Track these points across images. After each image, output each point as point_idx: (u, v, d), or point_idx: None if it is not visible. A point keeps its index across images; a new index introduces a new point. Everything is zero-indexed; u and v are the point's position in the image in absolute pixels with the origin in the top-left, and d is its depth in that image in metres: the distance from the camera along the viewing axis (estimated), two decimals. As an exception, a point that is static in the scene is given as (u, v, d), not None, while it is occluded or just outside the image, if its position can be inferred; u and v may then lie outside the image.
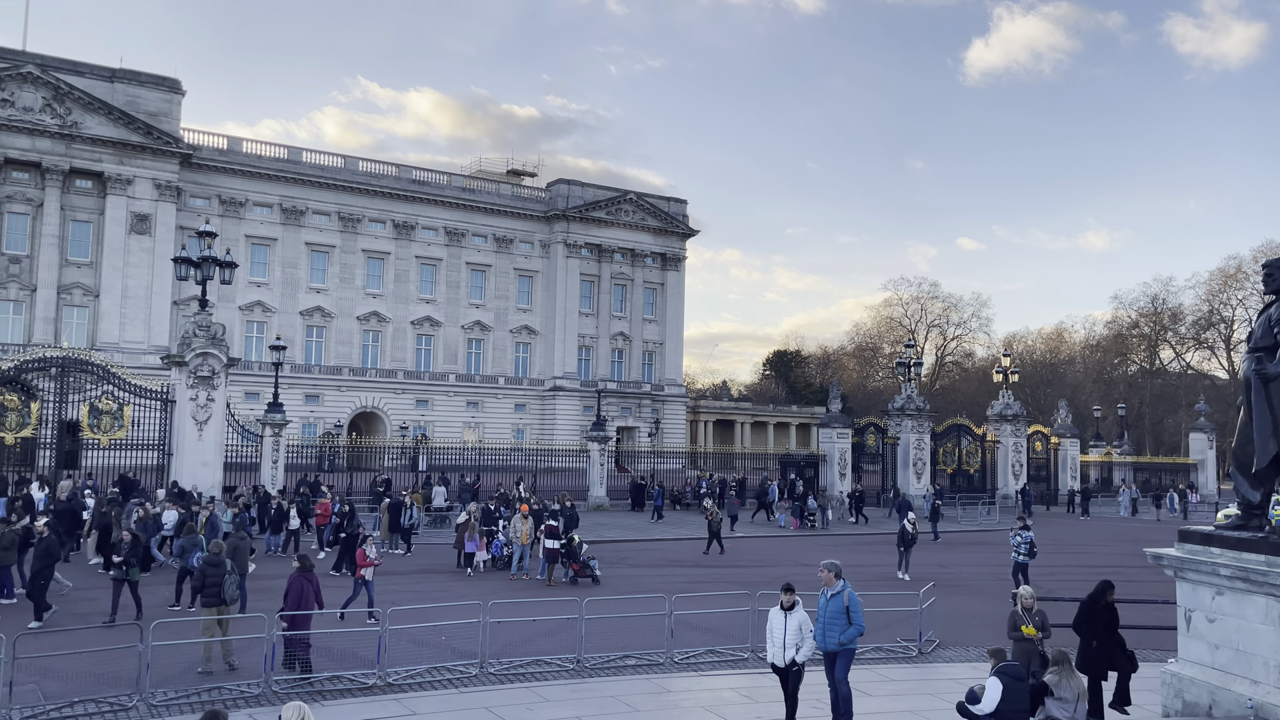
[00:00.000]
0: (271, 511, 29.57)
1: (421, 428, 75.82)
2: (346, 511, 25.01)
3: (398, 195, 79.35)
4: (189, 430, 35.75)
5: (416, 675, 14.65)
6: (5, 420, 34.21)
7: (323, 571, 23.90)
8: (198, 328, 36.35)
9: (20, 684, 12.52)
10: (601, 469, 47.98)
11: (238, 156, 73.68)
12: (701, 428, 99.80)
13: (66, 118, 64.92)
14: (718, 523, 32.26)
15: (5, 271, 64.35)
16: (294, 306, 75.08)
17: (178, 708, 12.85)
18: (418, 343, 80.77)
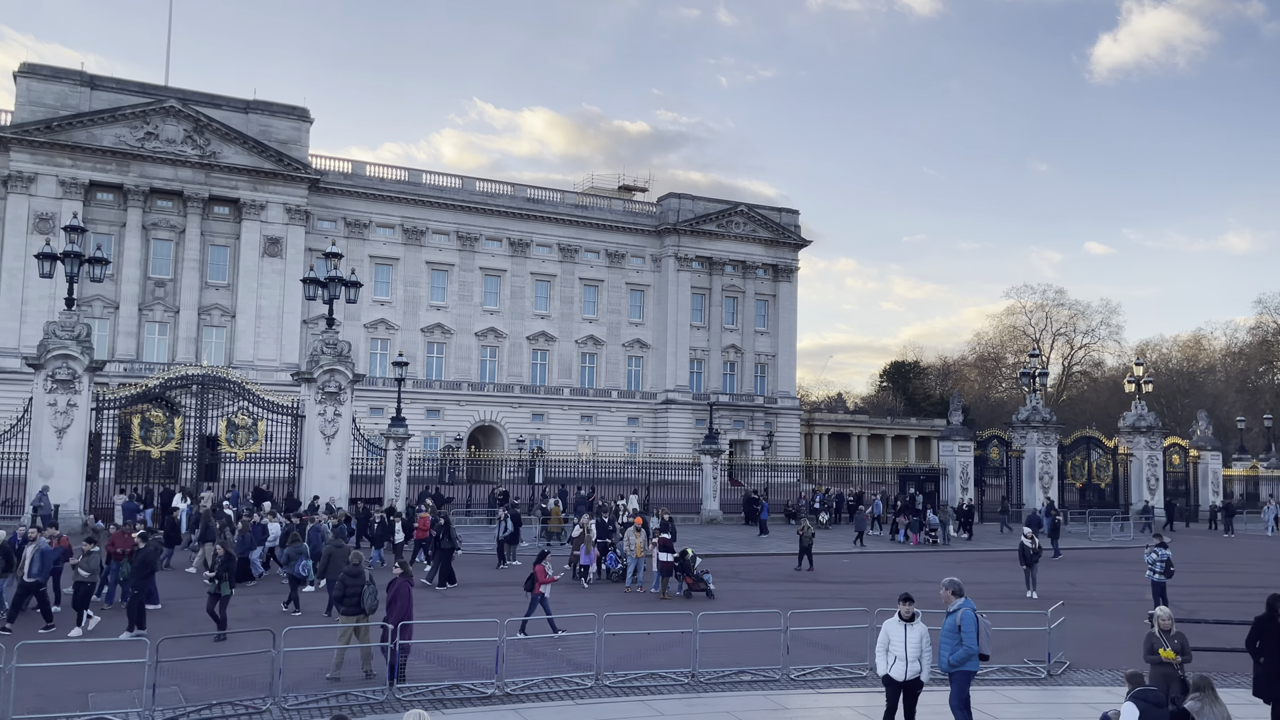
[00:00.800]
0: (375, 525, 29.82)
1: (538, 441, 77.05)
2: (443, 525, 25.48)
3: (513, 214, 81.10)
4: (318, 444, 37.19)
5: (533, 686, 14.84)
6: (151, 435, 36.28)
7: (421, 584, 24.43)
8: (325, 345, 37.83)
9: (163, 686, 13.19)
10: (714, 482, 47.82)
11: (361, 180, 76.60)
12: (816, 441, 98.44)
13: (205, 148, 68.70)
14: (809, 538, 31.61)
15: (151, 295, 68.36)
16: (415, 324, 77.45)
17: (308, 712, 13.33)
18: (533, 357, 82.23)
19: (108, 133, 66.21)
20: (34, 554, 18.41)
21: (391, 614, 14.87)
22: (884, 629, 12.19)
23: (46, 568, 18.77)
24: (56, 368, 33.13)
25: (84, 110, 65.59)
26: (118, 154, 66.35)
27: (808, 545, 31.53)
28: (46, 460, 32.91)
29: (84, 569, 18.52)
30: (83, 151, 65.44)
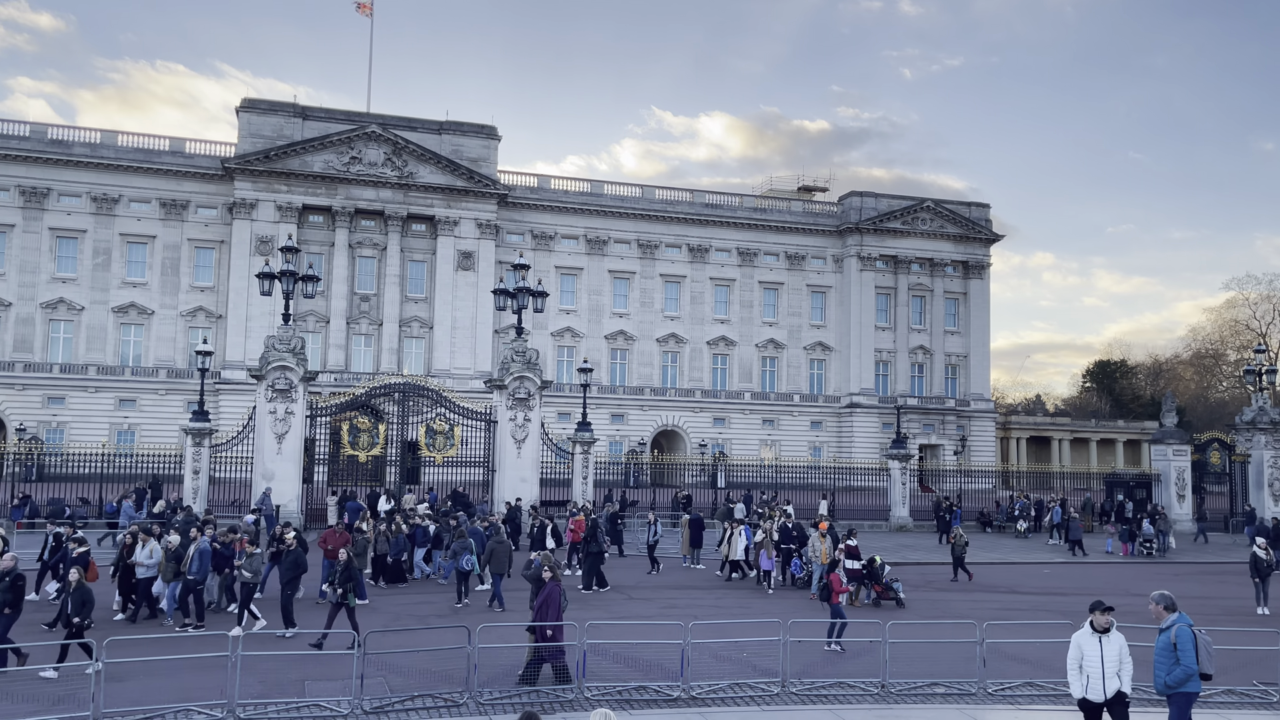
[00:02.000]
0: (531, 529, 29.95)
1: (719, 445, 77.12)
2: (590, 527, 25.75)
3: (692, 220, 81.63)
4: (509, 448, 38.61)
5: (718, 690, 14.80)
6: (359, 440, 38.67)
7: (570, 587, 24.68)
8: (514, 353, 39.24)
9: (370, 677, 13.99)
10: (903, 488, 46.36)
11: (546, 193, 79.13)
12: (1013, 445, 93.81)
13: (404, 169, 72.82)
14: (961, 548, 29.88)
15: (357, 309, 73.05)
16: (599, 331, 79.22)
17: (500, 707, 13.81)
18: (713, 362, 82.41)
19: (317, 159, 71.29)
20: (194, 553, 19.31)
21: (541, 616, 15.19)
22: (1074, 642, 11.27)
23: (204, 567, 19.54)
24: (275, 378, 35.87)
25: (297, 139, 70.88)
26: (326, 178, 71.31)
27: (960, 555, 29.88)
28: (268, 464, 35.68)
29: (247, 570, 19.06)
30: (296, 178, 70.72)
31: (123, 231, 69.19)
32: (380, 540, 25.17)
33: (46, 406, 66.48)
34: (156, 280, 69.76)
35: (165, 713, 12.78)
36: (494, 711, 13.61)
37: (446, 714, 13.50)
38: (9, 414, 65.46)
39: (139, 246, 69.70)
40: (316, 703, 13.49)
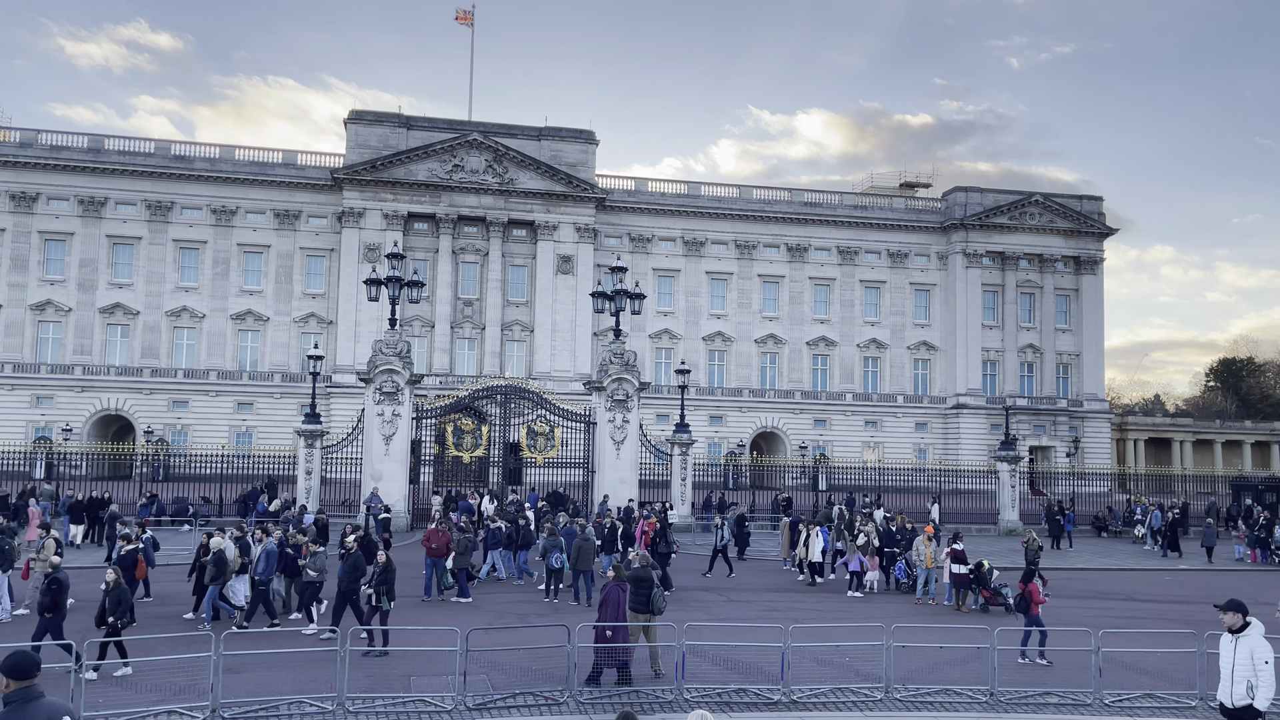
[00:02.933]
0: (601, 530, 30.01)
1: (820, 447, 76.12)
2: (658, 528, 25.51)
3: (790, 219, 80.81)
4: (608, 449, 38.86)
5: (820, 695, 14.57)
6: (463, 441, 39.46)
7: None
8: (613, 355, 39.49)
9: (473, 674, 14.21)
10: (1012, 491, 44.92)
11: (644, 196, 79.41)
12: (1129, 447, 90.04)
13: (504, 175, 74.09)
14: (1035, 552, 28.49)
15: (460, 314, 74.60)
16: (696, 333, 79.08)
17: (600, 706, 13.86)
18: (813, 363, 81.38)
19: (421, 168, 73.10)
20: (261, 554, 19.65)
21: (602, 615, 15.19)
22: (1220, 644, 10.81)
23: (271, 567, 19.72)
24: (383, 381, 36.89)
25: (401, 149, 72.82)
26: (430, 186, 73.06)
27: (1033, 560, 28.68)
28: (376, 464, 36.72)
29: (312, 569, 18.98)
30: (401, 186, 72.67)
31: (240, 242, 72.21)
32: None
33: (171, 410, 69.82)
34: (271, 288, 72.57)
35: (280, 704, 13.22)
36: (593, 711, 13.67)
37: (547, 712, 13.62)
38: (137, 417, 68.99)
39: (255, 256, 72.63)
40: (422, 698, 13.78)
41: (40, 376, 68.25)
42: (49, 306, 69.10)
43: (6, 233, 68.50)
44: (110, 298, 69.89)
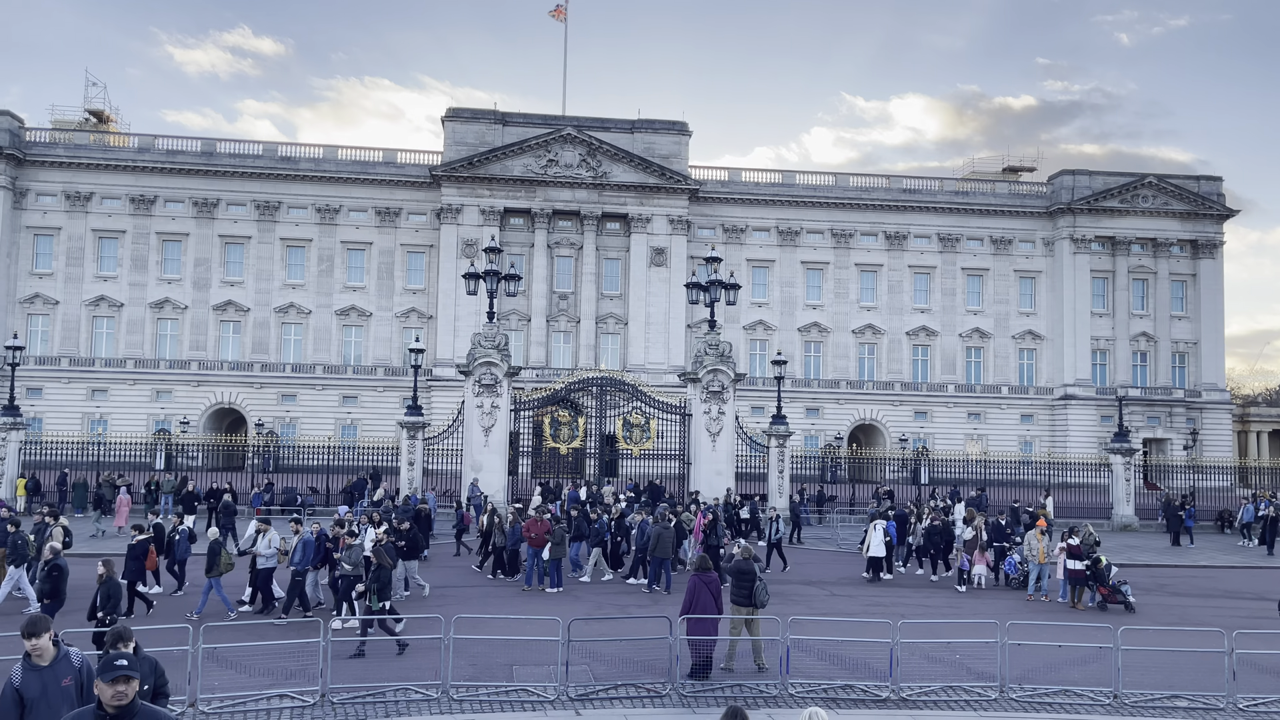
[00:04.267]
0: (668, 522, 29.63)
1: (921, 439, 74.40)
2: (710, 520, 25.00)
3: (888, 206, 79.07)
4: (703, 441, 38.58)
5: (930, 693, 14.09)
6: (560, 433, 39.71)
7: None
8: (707, 347, 39.17)
9: (575, 664, 14.16)
10: (1127, 484, 43.05)
11: (737, 186, 78.73)
12: (1252, 439, 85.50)
13: (598, 169, 74.37)
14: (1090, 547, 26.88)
15: (556, 307, 75.25)
16: (792, 324, 78.09)
17: (703, 700, 13.65)
18: (913, 354, 79.53)
19: (516, 163, 73.90)
20: (298, 544, 19.51)
21: (685, 607, 14.97)
22: None
23: (307, 558, 19.59)
24: (482, 374, 37.34)
25: (497, 145, 73.74)
26: (525, 182, 73.82)
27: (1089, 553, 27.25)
28: (476, 455, 37.21)
29: (346, 562, 18.55)
30: (497, 182, 73.62)
31: (343, 239, 74.18)
32: (496, 532, 25.50)
33: (280, 403, 72.24)
34: (373, 284, 74.39)
35: (386, 690, 13.39)
36: (698, 705, 13.47)
37: (650, 704, 13.47)
38: (249, 410, 71.59)
39: (357, 253, 74.54)
40: (524, 687, 13.79)
41: (160, 372, 71.36)
42: (167, 304, 72.18)
43: (127, 235, 71.78)
44: (223, 295, 72.64)
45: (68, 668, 7.52)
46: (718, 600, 15.22)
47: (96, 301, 71.39)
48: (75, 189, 71.10)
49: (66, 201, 71.14)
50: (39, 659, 7.41)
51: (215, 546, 19.50)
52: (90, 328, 71.51)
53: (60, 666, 7.50)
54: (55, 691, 7.36)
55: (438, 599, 21.30)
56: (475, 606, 20.14)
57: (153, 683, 8.60)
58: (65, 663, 7.54)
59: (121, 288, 71.64)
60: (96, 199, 71.51)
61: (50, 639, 7.49)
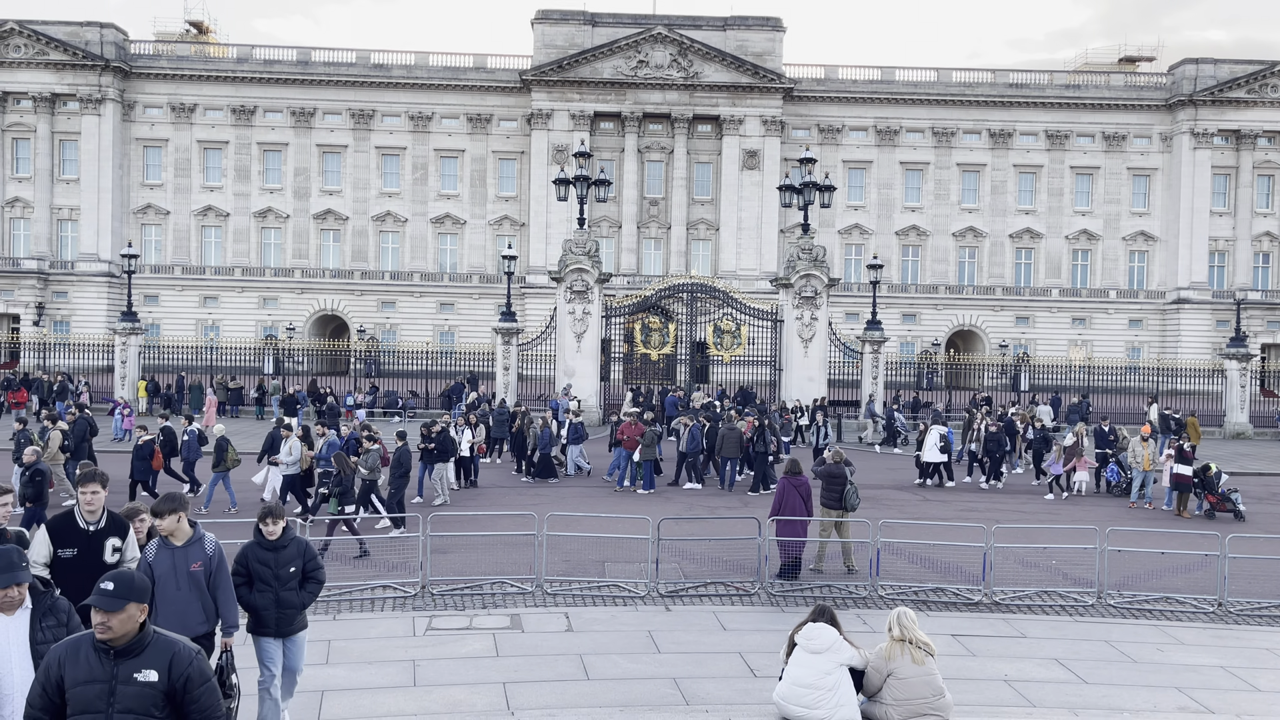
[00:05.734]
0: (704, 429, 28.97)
1: (1021, 346, 72.38)
2: (757, 428, 24.67)
3: (993, 102, 75.48)
4: (795, 348, 38.26)
5: (1024, 597, 13.93)
6: (650, 340, 39.90)
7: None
8: (801, 251, 38.51)
9: (665, 562, 14.41)
10: (1242, 391, 41.24)
11: (834, 84, 76.04)
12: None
13: (689, 69, 72.67)
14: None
15: (646, 213, 74.72)
16: (889, 227, 76.03)
17: (792, 599, 13.77)
18: (1016, 257, 76.78)
19: (606, 65, 72.70)
20: (324, 446, 19.41)
21: (774, 509, 14.96)
22: None
23: (328, 458, 19.02)
24: (573, 280, 37.54)
25: (587, 47, 72.55)
26: (615, 84, 72.68)
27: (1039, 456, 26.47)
28: (569, 361, 37.71)
29: (364, 467, 18.35)
30: (587, 85, 72.67)
31: (436, 147, 74.61)
32: (529, 436, 25.67)
33: (380, 310, 74.11)
34: (467, 192, 74.93)
35: (483, 583, 13.87)
36: (786, 604, 13.60)
37: (738, 602, 13.66)
38: (351, 317, 73.71)
39: (450, 160, 74.97)
40: (615, 583, 14.11)
41: (265, 279, 73.78)
42: (269, 214, 74.13)
43: (230, 145, 73.53)
44: (322, 204, 74.18)
45: (199, 552, 7.61)
46: (807, 503, 15.24)
47: (204, 211, 73.74)
48: (180, 100, 72.86)
49: (172, 113, 73.04)
50: (173, 539, 7.57)
51: (222, 443, 20.13)
52: (199, 237, 74.08)
53: (193, 550, 7.60)
54: (184, 573, 7.50)
55: (533, 498, 21.85)
56: (569, 505, 20.60)
57: (300, 565, 8.45)
58: (198, 547, 7.63)
59: (227, 198, 73.74)
60: (200, 110, 73.21)
61: (182, 520, 7.58)
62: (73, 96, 70.70)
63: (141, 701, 4.99)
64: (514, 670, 10.48)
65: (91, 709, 5.01)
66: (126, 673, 5.01)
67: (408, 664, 10.66)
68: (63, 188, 71.69)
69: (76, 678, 5.01)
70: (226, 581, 7.76)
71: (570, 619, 12.49)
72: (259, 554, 8.33)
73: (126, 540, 7.96)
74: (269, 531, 8.36)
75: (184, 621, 7.25)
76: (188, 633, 7.03)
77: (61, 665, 5.05)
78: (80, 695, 5.02)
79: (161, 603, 7.27)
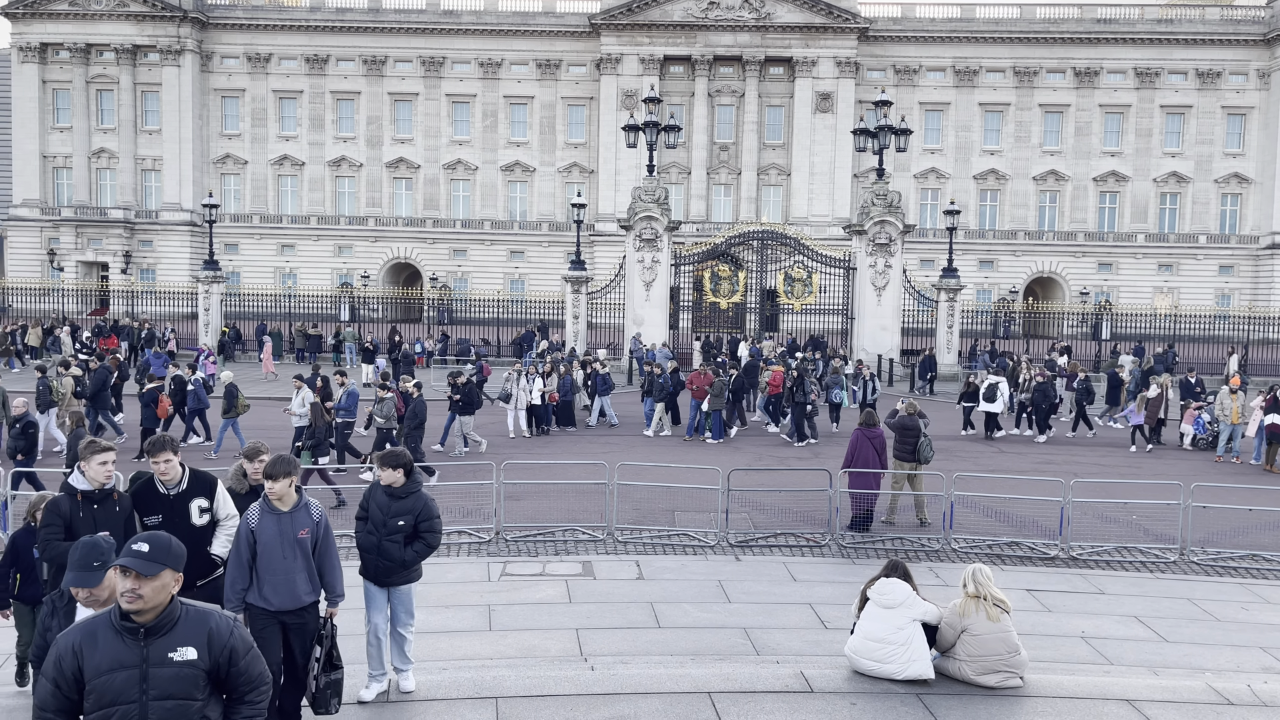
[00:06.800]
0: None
1: (1104, 293, 70.21)
2: (796, 378, 24.15)
3: (1078, 39, 72.45)
4: (868, 296, 37.67)
5: (1103, 553, 13.66)
6: (720, 288, 39.64)
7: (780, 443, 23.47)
8: (875, 197, 37.73)
9: (735, 512, 14.44)
10: (1339, 342, 39.51)
11: (910, 23, 73.72)
12: None
13: (760, 10, 71.05)
14: None
15: (716, 159, 73.82)
16: (966, 171, 73.96)
17: (864, 551, 13.72)
18: (1100, 201, 74.16)
19: (676, 7, 71.47)
20: (344, 395, 19.35)
21: (846, 461, 14.89)
22: None
23: (353, 408, 19.27)
24: (642, 228, 37.37)
25: (656, -10, 71.44)
26: (685, 27, 71.48)
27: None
28: (638, 309, 37.69)
29: (380, 415, 18.50)
30: (657, 29, 71.59)
31: (505, 94, 74.49)
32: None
33: (452, 258, 74.88)
34: (536, 139, 74.83)
35: (555, 530, 14.09)
36: (857, 555, 13.55)
37: (809, 553, 13.65)
38: (423, 265, 74.64)
39: (520, 107, 74.84)
40: (685, 532, 14.21)
41: (340, 228, 75.02)
42: (343, 163, 75.08)
43: (304, 94, 74.40)
44: (394, 153, 74.83)
45: (306, 519, 7.08)
46: (881, 455, 15.10)
47: (280, 160, 74.98)
48: (255, 50, 73.80)
49: (248, 64, 74.07)
50: (278, 503, 7.03)
51: (232, 389, 20.49)
52: (276, 186, 75.44)
53: (299, 516, 7.06)
54: (290, 540, 6.98)
55: (603, 446, 22.05)
56: (639, 454, 20.73)
57: (411, 522, 7.93)
58: (304, 513, 7.09)
59: (301, 147, 74.81)
60: (275, 60, 74.10)
61: (291, 484, 7.04)
62: (153, 48, 72.11)
63: (181, 684, 4.33)
64: (586, 617, 10.65)
65: (121, 699, 4.26)
66: (160, 653, 4.31)
67: (483, 609, 10.91)
68: (145, 138, 73.49)
69: (99, 666, 4.26)
70: (332, 549, 7.29)
71: (641, 567, 12.62)
72: (380, 497, 7.98)
73: (215, 498, 7.52)
74: (385, 478, 7.96)
75: (291, 591, 6.95)
76: (295, 603, 6.97)
77: (78, 654, 4.28)
78: (105, 686, 4.27)
79: (266, 571, 6.92)
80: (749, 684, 8.26)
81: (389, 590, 7.99)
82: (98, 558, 4.92)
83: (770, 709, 7.77)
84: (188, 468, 7.52)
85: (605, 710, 7.71)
